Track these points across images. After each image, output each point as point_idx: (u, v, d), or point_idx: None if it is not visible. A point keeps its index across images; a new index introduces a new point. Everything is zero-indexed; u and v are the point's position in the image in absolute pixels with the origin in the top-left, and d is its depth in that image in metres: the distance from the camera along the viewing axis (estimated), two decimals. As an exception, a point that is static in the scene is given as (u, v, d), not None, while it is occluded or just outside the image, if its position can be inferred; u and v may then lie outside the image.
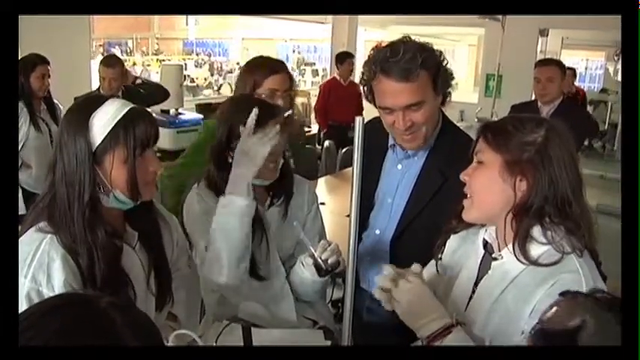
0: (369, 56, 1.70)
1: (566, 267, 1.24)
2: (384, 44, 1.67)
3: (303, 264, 1.75)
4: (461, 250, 1.48)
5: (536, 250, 1.27)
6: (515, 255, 1.28)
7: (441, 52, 1.70)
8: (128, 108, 1.37)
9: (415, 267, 1.38)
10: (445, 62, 1.69)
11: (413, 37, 1.69)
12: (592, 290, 0.87)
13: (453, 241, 1.50)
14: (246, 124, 1.65)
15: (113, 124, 1.34)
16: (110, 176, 1.36)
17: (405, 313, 1.35)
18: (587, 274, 1.23)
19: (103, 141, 1.33)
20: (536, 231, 1.27)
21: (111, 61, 4.26)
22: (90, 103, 1.39)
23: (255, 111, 1.64)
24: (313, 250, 1.68)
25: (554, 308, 0.85)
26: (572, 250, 1.25)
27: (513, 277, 1.29)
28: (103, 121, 1.33)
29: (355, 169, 1.25)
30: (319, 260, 1.68)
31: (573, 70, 6.75)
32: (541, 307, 1.04)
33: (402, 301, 1.35)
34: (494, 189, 1.30)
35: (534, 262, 1.26)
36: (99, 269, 1.34)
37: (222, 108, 1.82)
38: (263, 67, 2.17)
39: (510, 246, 1.31)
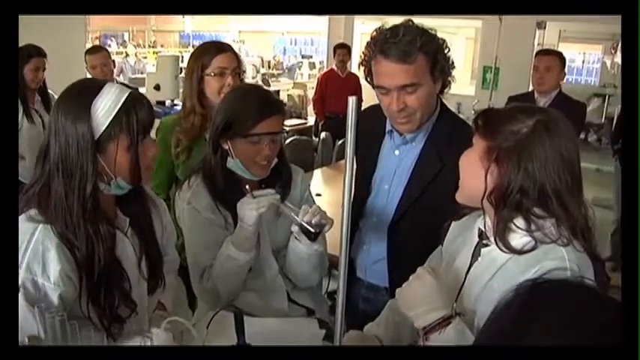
0: (370, 36, 1.70)
1: (552, 254, 1.21)
2: (387, 26, 1.67)
3: (296, 237, 1.75)
4: (460, 238, 1.46)
5: (517, 239, 1.24)
6: (497, 244, 1.26)
7: (444, 41, 1.69)
8: (128, 92, 1.34)
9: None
10: (447, 50, 1.69)
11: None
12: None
13: (454, 228, 1.49)
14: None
15: (116, 111, 1.30)
16: (114, 164, 1.34)
17: (404, 299, 1.34)
18: (573, 261, 1.19)
19: (106, 128, 1.30)
20: (518, 221, 1.24)
21: (94, 49, 4.36)
22: (87, 88, 1.35)
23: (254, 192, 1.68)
24: (294, 216, 1.68)
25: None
26: (553, 240, 1.21)
27: (500, 264, 1.27)
28: (106, 107, 1.30)
29: (348, 149, 1.22)
30: (303, 224, 1.67)
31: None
32: None
33: (404, 287, 1.34)
34: (474, 172, 1.29)
35: (516, 252, 1.24)
36: (97, 258, 1.32)
37: (224, 97, 1.81)
38: (210, 48, 2.25)
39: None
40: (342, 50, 6.68)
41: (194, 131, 2.15)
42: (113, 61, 4.52)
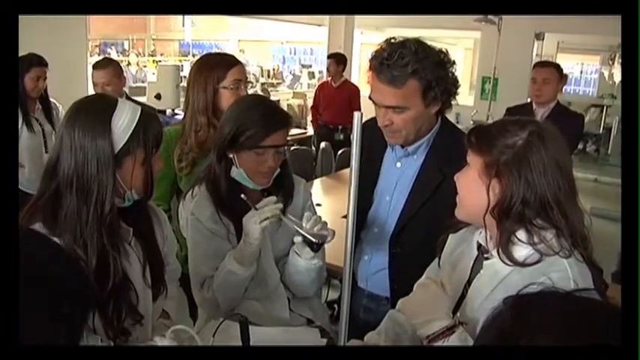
0: (376, 49, 1.72)
1: (555, 266, 1.22)
2: (390, 42, 1.69)
3: (296, 252, 1.76)
4: (457, 251, 1.47)
5: (520, 252, 1.25)
6: (500, 257, 1.27)
7: (447, 62, 1.69)
8: (140, 109, 1.38)
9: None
10: (450, 75, 1.70)
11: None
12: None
13: (451, 241, 1.50)
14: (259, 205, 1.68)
15: (134, 126, 1.35)
16: (131, 177, 1.38)
17: (408, 307, 1.35)
18: (576, 274, 1.21)
19: (125, 143, 1.34)
20: (520, 234, 1.26)
21: (101, 63, 3.76)
22: (102, 104, 1.39)
23: (271, 199, 1.70)
24: (297, 227, 1.69)
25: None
26: (556, 252, 1.23)
27: (503, 276, 1.28)
28: (125, 123, 1.34)
29: (353, 162, 1.24)
30: (307, 235, 1.67)
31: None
32: None
33: (408, 296, 1.35)
34: (473, 190, 1.30)
35: (519, 264, 1.25)
36: (107, 271, 1.34)
37: (232, 107, 1.83)
38: (222, 61, 2.26)
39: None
40: (330, 60, 6.68)
41: (208, 144, 2.14)
42: (121, 73, 3.82)
